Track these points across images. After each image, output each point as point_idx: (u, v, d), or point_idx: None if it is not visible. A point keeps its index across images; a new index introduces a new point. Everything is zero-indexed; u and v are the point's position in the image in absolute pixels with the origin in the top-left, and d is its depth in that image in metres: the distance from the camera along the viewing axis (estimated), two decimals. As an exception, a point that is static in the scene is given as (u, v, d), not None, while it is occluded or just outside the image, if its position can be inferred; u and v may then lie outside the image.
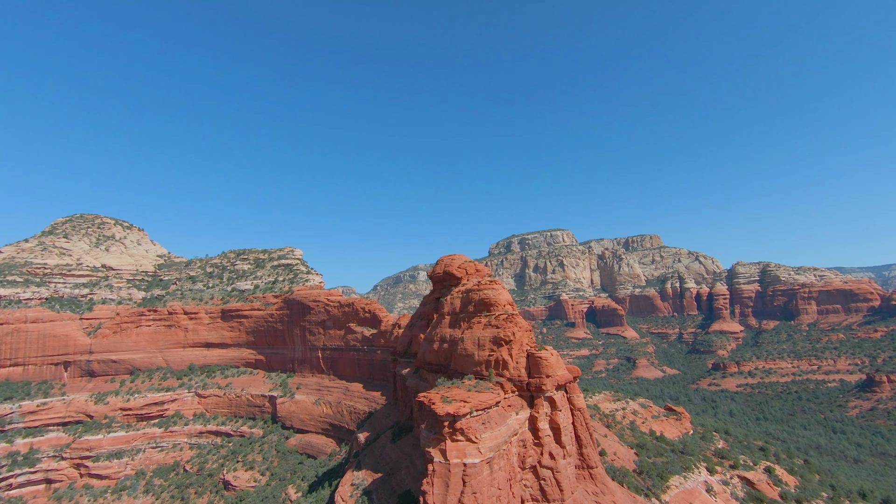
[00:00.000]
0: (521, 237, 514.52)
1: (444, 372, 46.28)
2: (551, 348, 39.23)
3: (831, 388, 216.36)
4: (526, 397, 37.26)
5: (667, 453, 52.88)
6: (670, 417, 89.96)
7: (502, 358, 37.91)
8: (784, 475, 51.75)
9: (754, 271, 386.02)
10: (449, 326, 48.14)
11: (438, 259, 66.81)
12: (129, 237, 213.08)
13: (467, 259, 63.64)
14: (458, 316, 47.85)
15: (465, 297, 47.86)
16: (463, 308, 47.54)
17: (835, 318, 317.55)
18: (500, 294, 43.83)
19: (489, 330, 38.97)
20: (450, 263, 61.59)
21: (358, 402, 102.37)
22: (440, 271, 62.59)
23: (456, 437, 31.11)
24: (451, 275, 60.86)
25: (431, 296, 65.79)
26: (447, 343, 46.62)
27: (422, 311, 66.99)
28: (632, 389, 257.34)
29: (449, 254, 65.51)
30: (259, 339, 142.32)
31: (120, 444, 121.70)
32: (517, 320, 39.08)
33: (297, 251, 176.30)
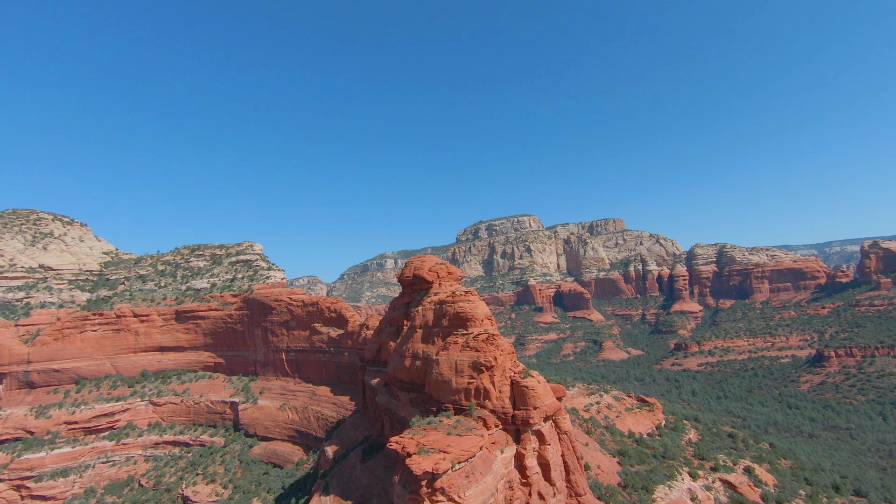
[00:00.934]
0: (489, 223, 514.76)
1: (418, 391, 42.55)
2: (537, 374, 35.83)
3: (784, 364, 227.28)
4: (511, 431, 33.80)
5: (648, 459, 51.69)
6: (643, 409, 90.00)
7: (483, 386, 34.42)
8: (763, 474, 51.69)
9: (711, 252, 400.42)
10: (421, 341, 44.27)
11: (408, 261, 62.59)
12: (70, 233, 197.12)
13: (438, 261, 59.72)
14: (430, 330, 44.00)
15: (439, 309, 44.01)
16: (436, 321, 43.71)
17: (785, 295, 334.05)
18: (476, 307, 40.16)
19: (467, 353, 35.28)
20: (420, 266, 57.48)
21: (326, 407, 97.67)
22: (410, 275, 58.44)
23: (436, 499, 27.28)
24: (421, 278, 56.81)
25: (400, 300, 61.74)
26: (420, 360, 42.83)
27: (391, 317, 62.89)
28: (599, 372, 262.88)
29: (418, 255, 61.47)
30: (218, 341, 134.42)
31: (66, 460, 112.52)
32: (498, 342, 35.53)
33: (256, 246, 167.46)
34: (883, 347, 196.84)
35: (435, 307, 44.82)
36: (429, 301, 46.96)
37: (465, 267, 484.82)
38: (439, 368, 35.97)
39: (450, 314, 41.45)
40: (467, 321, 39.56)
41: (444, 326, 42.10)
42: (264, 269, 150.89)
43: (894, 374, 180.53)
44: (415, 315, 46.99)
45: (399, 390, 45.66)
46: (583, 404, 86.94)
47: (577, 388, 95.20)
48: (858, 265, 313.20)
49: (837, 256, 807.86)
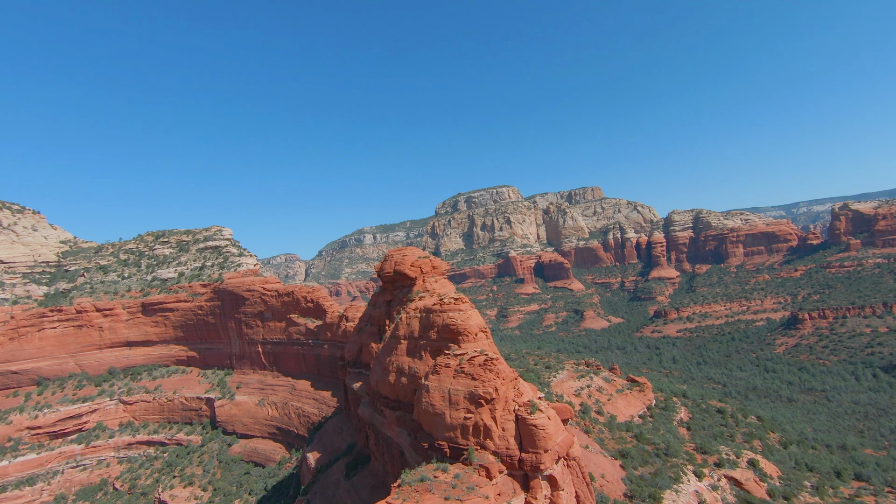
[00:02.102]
0: (468, 195, 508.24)
1: (405, 410, 38.16)
2: (545, 406, 31.07)
3: (760, 328, 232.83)
4: (518, 476, 29.83)
5: (651, 459, 49.33)
6: (633, 390, 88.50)
7: (483, 423, 29.87)
8: (767, 466, 50.15)
9: (688, 218, 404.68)
10: (407, 354, 39.59)
11: (387, 255, 57.20)
12: (22, 222, 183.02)
13: (421, 253, 54.57)
14: (417, 342, 39.28)
15: (425, 318, 39.14)
16: (423, 333, 38.93)
17: (759, 258, 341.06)
18: (469, 319, 35.37)
19: (462, 380, 30.65)
20: (401, 260, 52.26)
21: (307, 403, 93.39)
22: (390, 270, 53.22)
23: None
24: (403, 275, 51.73)
25: (381, 297, 56.72)
26: (406, 378, 38.23)
27: (372, 315, 58.00)
28: (581, 342, 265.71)
29: (399, 247, 56.20)
30: (189, 334, 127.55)
31: (31, 468, 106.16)
32: (498, 367, 30.79)
33: (226, 230, 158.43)
34: (854, 308, 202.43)
35: (421, 316, 39.94)
36: (413, 308, 41.96)
37: (446, 240, 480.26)
38: (430, 398, 31.42)
39: (438, 325, 36.72)
40: (458, 335, 34.86)
41: (431, 339, 37.40)
42: (235, 256, 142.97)
43: (865, 334, 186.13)
44: (398, 323, 42.12)
45: (383, 406, 41.33)
46: (573, 388, 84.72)
47: (566, 370, 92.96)
48: (829, 227, 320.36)
49: (805, 216, 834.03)
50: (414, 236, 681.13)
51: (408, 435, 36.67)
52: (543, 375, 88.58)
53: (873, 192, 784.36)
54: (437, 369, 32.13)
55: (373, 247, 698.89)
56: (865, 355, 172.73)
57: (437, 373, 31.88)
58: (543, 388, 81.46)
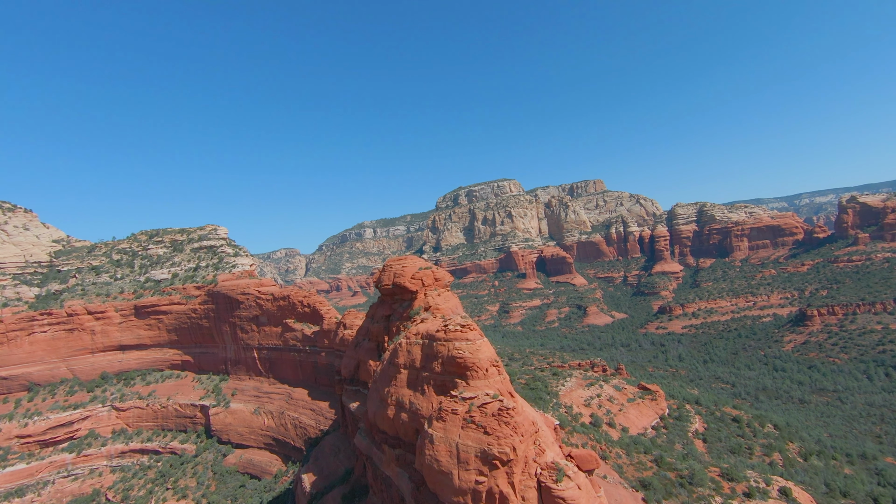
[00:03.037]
0: (468, 189, 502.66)
1: (405, 448, 34.12)
2: (573, 470, 26.55)
3: (767, 324, 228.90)
4: None
5: (675, 489, 45.50)
6: (646, 398, 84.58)
7: (499, 490, 25.28)
8: (801, 495, 46.36)
9: (692, 212, 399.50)
10: (407, 386, 35.46)
11: (385, 264, 52.96)
12: (13, 221, 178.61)
13: (422, 264, 50.32)
14: (418, 373, 35.09)
15: (428, 346, 34.91)
16: (425, 363, 34.71)
17: (764, 252, 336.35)
18: (478, 352, 31.04)
19: (472, 433, 26.32)
20: (400, 273, 48.04)
21: (303, 413, 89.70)
22: (389, 282, 49.05)
23: None
24: (403, 288, 47.56)
25: (380, 310, 52.60)
26: (406, 414, 34.09)
27: (369, 329, 53.91)
28: (585, 339, 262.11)
29: (395, 256, 51.94)
30: (183, 337, 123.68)
31: (21, 478, 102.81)
32: (515, 419, 26.02)
33: (221, 229, 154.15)
34: (864, 305, 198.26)
35: (423, 343, 35.73)
36: (414, 332, 37.71)
37: (446, 234, 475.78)
38: (434, 450, 27.27)
39: (443, 357, 32.53)
40: (466, 370, 30.64)
41: (435, 372, 33.23)
42: (230, 256, 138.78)
43: (876, 331, 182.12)
44: (397, 349, 37.92)
45: (382, 441, 37.36)
46: (583, 398, 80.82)
47: (574, 377, 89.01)
48: (836, 220, 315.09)
49: (808, 208, 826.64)
50: (414, 230, 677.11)
51: (409, 479, 32.66)
52: (551, 384, 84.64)
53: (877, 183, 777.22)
54: (442, 415, 28.02)
55: (373, 241, 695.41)
56: (877, 353, 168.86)
57: (442, 419, 27.79)
58: (551, 399, 77.58)
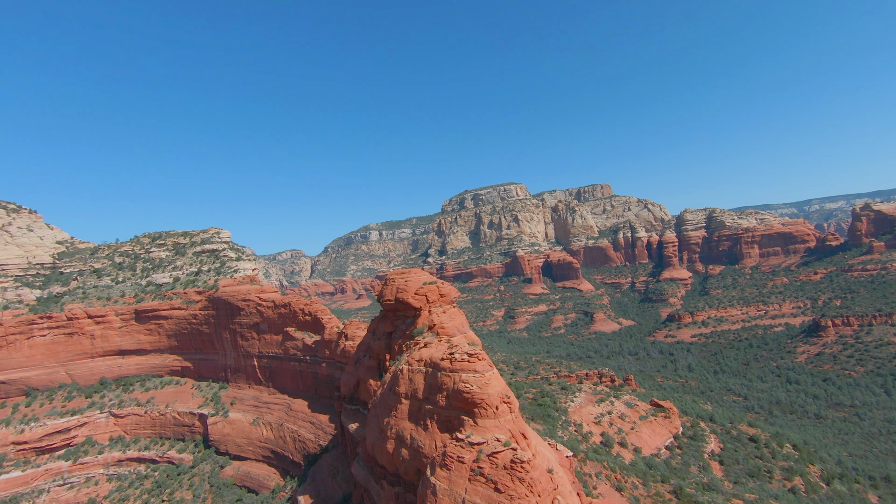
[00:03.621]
0: (475, 192, 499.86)
1: (405, 487, 31.31)
2: None
3: (779, 333, 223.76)
4: None
5: (698, 526, 42.49)
6: (658, 416, 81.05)
7: None
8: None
9: (701, 218, 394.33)
10: (408, 419, 32.58)
11: (388, 277, 50.16)
12: (17, 223, 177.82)
13: (427, 278, 47.48)
14: (421, 405, 32.18)
15: (432, 376, 31.98)
16: (429, 394, 31.82)
17: (775, 260, 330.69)
18: (487, 386, 27.95)
19: (481, 489, 23.11)
20: (403, 288, 45.26)
21: (302, 426, 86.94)
22: (391, 298, 46.30)
23: None
24: (406, 304, 44.77)
25: (381, 326, 49.79)
26: (407, 449, 31.31)
27: (371, 346, 51.09)
28: (592, 346, 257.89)
29: (399, 269, 49.14)
30: (183, 343, 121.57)
31: (16, 486, 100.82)
32: (531, 474, 22.75)
33: (224, 233, 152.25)
34: (880, 315, 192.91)
35: (426, 371, 32.84)
36: (417, 359, 34.84)
37: (452, 238, 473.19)
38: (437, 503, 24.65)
39: (448, 389, 29.62)
40: (474, 407, 27.71)
41: (439, 406, 30.36)
42: (232, 261, 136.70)
43: (893, 343, 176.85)
44: (398, 376, 35.04)
45: (381, 477, 34.56)
46: (593, 415, 77.47)
47: (584, 392, 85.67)
48: (850, 228, 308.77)
49: (817, 215, 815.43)
50: (420, 233, 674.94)
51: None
52: (560, 399, 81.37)
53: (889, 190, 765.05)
54: (446, 461, 25.11)
55: (378, 244, 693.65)
56: (894, 366, 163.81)
57: (446, 467, 24.88)
58: (560, 416, 74.35)
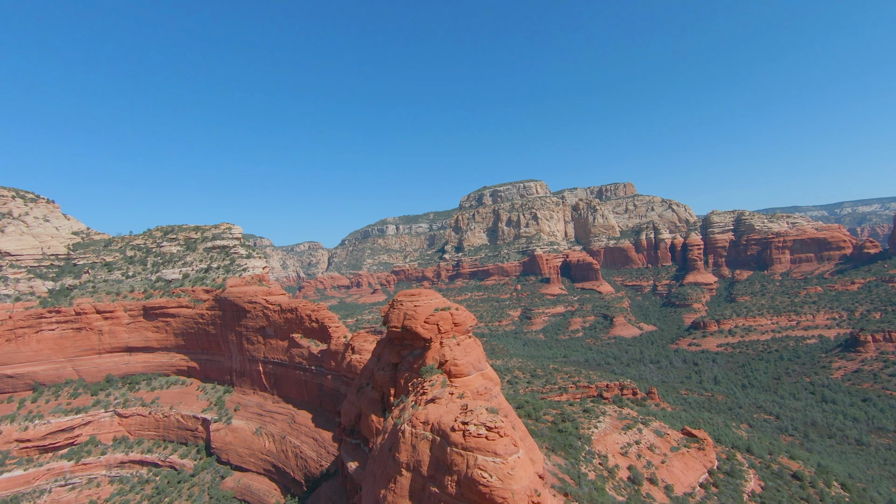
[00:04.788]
0: (493, 189, 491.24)
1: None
2: None
3: (811, 346, 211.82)
4: None
5: None
6: (692, 447, 73.77)
7: None
8: None
9: (728, 220, 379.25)
10: (409, 498, 26.65)
11: (395, 298, 44.13)
12: (33, 213, 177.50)
13: (439, 302, 41.37)
14: (424, 483, 26.31)
15: (440, 448, 26.01)
16: (434, 472, 25.89)
17: (807, 266, 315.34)
18: (510, 477, 21.66)
19: None
20: (412, 314, 39.24)
21: (305, 442, 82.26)
22: (397, 324, 40.47)
23: None
24: (414, 334, 38.87)
25: (387, 354, 43.98)
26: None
27: (374, 375, 45.43)
28: (611, 352, 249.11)
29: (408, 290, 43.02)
30: (190, 342, 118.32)
31: (17, 485, 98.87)
32: None
33: (235, 229, 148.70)
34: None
35: (432, 440, 26.83)
36: (423, 420, 28.74)
37: (469, 235, 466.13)
38: None
39: (459, 474, 23.53)
40: (493, 504, 22.02)
41: (448, 494, 24.20)
42: (242, 258, 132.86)
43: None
44: (399, 439, 29.14)
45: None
46: (619, 445, 70.66)
47: (608, 416, 78.85)
48: (891, 234, 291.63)
49: (850, 218, 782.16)
50: (437, 228, 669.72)
51: None
52: (582, 425, 74.72)
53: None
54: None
55: (395, 238, 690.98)
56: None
57: None
58: (583, 446, 67.77)
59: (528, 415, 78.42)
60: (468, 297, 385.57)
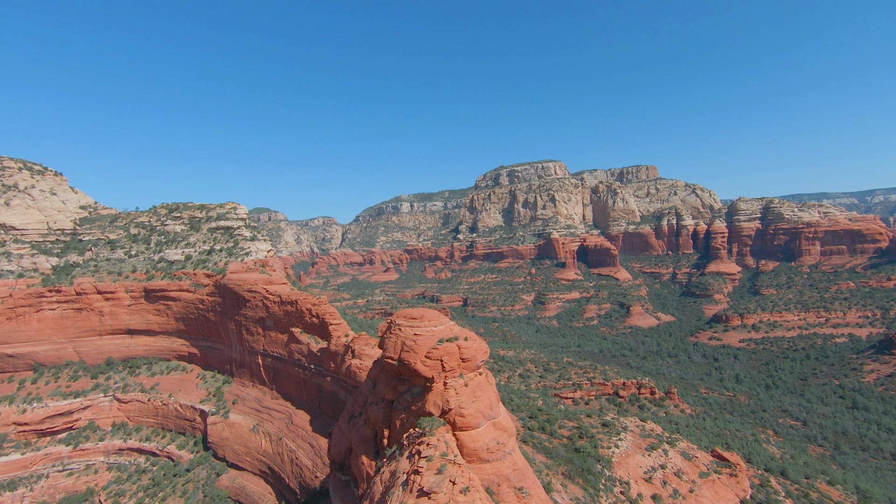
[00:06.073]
0: (510, 168, 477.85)
1: None
2: None
3: (841, 345, 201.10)
4: None
5: None
6: (723, 472, 66.83)
7: None
8: None
9: (756, 208, 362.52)
10: None
11: (392, 321, 36.88)
12: (40, 185, 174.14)
13: (445, 332, 34.12)
14: None
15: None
16: None
17: (838, 259, 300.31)
18: None
19: None
20: (411, 346, 32.39)
21: (301, 447, 77.58)
22: (394, 356, 33.65)
23: None
24: (412, 371, 32.11)
25: (381, 388, 36.85)
26: None
27: (367, 410, 38.82)
28: (627, 343, 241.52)
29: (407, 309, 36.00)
30: (191, 328, 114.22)
31: (14, 470, 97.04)
32: None
33: (240, 209, 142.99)
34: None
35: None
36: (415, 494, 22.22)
37: (484, 215, 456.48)
38: None
39: None
40: None
41: None
42: (246, 240, 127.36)
43: None
44: None
45: None
46: (642, 469, 64.04)
47: (630, 432, 72.10)
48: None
49: (881, 207, 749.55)
50: (451, 207, 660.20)
51: None
52: (602, 442, 68.12)
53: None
54: None
55: (409, 215, 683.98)
56: None
57: None
58: (604, 471, 61.31)
59: (542, 428, 72.20)
60: (481, 280, 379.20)
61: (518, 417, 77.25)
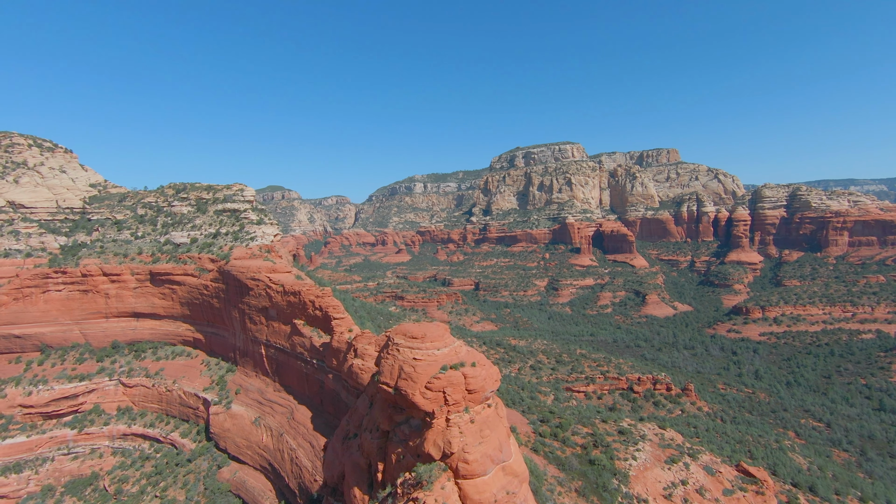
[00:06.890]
0: (526, 150, 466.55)
1: None
2: None
3: (868, 342, 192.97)
4: None
5: None
6: (749, 489, 62.16)
7: None
8: None
9: (782, 195, 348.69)
10: None
11: (390, 338, 32.46)
12: (49, 163, 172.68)
13: (450, 357, 29.52)
14: None
15: None
16: None
17: (867, 251, 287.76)
18: None
19: None
20: (409, 373, 27.87)
21: (302, 446, 74.95)
22: (389, 382, 29.29)
23: None
24: (409, 402, 27.74)
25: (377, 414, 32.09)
26: None
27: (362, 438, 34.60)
28: (642, 334, 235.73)
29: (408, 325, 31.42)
30: (196, 313, 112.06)
31: (20, 452, 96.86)
32: None
33: (248, 191, 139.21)
34: None
35: None
36: None
37: (498, 198, 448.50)
38: None
39: None
40: None
41: None
42: (252, 224, 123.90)
43: None
44: None
45: None
46: (662, 485, 59.74)
47: (649, 441, 67.71)
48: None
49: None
50: (465, 188, 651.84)
51: None
52: (618, 452, 63.89)
53: None
54: None
55: (423, 196, 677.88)
56: None
57: None
58: (620, 487, 57.18)
59: (554, 434, 68.19)
60: (493, 263, 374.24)
61: (528, 421, 73.39)
